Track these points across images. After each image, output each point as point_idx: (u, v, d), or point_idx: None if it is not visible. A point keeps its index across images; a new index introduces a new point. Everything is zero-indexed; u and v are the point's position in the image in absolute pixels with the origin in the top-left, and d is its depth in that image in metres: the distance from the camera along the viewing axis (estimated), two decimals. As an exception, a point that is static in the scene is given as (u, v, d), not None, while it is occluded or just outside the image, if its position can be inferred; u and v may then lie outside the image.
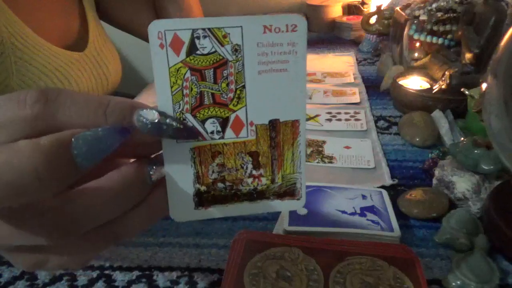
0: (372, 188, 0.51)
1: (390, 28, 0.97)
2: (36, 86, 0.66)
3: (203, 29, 0.24)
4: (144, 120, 0.23)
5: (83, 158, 0.22)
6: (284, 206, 0.29)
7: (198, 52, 0.25)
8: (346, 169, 0.59)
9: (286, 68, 0.26)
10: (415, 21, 0.82)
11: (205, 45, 0.25)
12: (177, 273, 0.42)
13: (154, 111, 0.24)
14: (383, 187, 0.53)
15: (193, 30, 0.24)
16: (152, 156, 0.27)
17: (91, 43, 0.78)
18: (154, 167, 0.26)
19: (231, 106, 0.26)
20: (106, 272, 0.43)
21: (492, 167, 0.47)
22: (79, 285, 0.41)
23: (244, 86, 0.26)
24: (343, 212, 0.46)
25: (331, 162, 0.60)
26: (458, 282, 0.38)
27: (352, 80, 0.91)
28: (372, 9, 1.22)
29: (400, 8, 0.91)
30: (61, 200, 0.23)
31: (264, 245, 0.38)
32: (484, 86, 0.43)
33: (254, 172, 0.28)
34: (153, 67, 0.24)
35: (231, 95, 0.26)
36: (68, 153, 0.21)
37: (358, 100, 0.81)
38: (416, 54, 0.84)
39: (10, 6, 0.63)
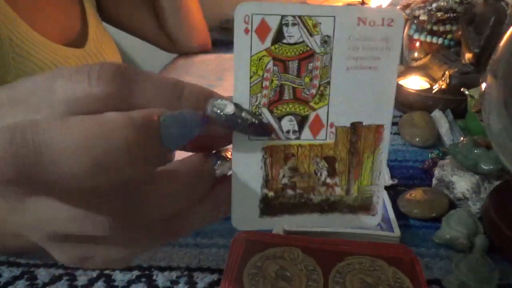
0: (372, 188, 0.51)
1: (390, 28, 0.97)
2: None
3: (293, 16, 0.22)
4: (218, 111, 0.21)
5: (169, 139, 0.20)
6: (357, 221, 0.26)
7: (284, 40, 0.23)
8: (346, 169, 0.59)
9: (377, 65, 0.24)
10: (415, 21, 0.82)
11: (293, 33, 0.22)
12: (177, 273, 0.42)
13: (230, 103, 0.21)
14: (383, 187, 0.53)
15: (282, 17, 0.22)
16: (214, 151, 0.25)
17: (91, 40, 0.77)
18: (218, 161, 0.24)
19: (312, 104, 0.24)
20: (106, 272, 0.42)
21: (492, 167, 0.47)
22: (79, 285, 0.41)
23: (328, 82, 0.23)
24: (343, 212, 0.46)
25: (331, 162, 0.60)
26: (458, 282, 0.38)
27: (352, 80, 0.91)
28: (372, 9, 1.22)
29: (400, 8, 0.91)
30: (137, 183, 0.21)
31: (263, 245, 0.38)
32: (484, 86, 0.43)
33: (328, 180, 0.25)
34: (235, 53, 0.22)
35: (313, 91, 0.24)
36: (156, 132, 0.19)
37: (358, 100, 0.80)
38: (416, 54, 0.83)
39: (8, 3, 0.63)
